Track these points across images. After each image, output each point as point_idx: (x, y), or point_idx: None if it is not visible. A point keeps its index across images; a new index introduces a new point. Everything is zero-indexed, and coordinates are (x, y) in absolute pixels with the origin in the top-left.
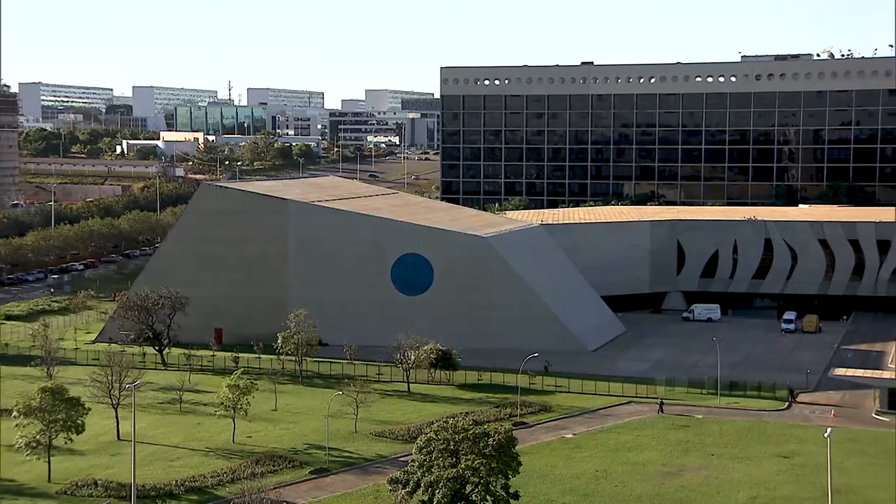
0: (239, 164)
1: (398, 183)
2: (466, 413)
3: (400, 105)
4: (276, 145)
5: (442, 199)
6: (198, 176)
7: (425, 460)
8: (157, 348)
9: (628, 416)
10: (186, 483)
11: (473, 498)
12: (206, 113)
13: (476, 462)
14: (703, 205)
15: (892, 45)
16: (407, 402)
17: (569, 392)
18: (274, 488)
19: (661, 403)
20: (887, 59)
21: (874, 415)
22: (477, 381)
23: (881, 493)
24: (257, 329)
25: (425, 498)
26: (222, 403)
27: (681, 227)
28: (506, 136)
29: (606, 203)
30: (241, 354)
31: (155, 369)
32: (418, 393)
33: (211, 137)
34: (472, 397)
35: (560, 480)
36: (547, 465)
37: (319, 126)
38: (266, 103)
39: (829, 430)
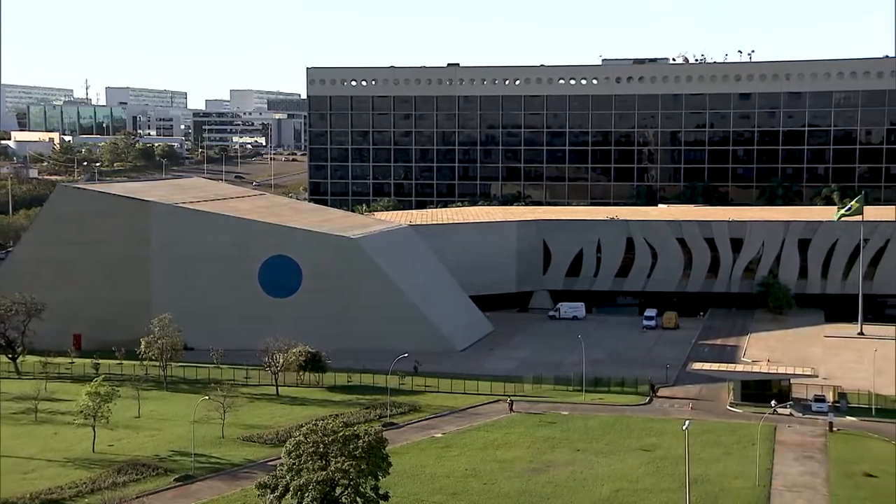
0: (98, 165)
1: (265, 184)
2: (336, 415)
3: (266, 105)
4: (137, 146)
5: (310, 201)
6: (53, 177)
7: (294, 464)
8: (10, 356)
9: (497, 415)
10: (42, 496)
11: (343, 500)
12: (62, 112)
13: (346, 464)
14: (567, 205)
15: (741, 51)
16: (276, 406)
17: (438, 392)
18: (137, 497)
19: (511, 402)
20: (738, 64)
21: (729, 407)
22: (347, 382)
23: (735, 482)
24: (119, 334)
25: (294, 502)
26: (81, 412)
27: (546, 227)
28: (374, 136)
29: (474, 203)
30: (101, 361)
31: (8, 378)
32: (287, 396)
33: (67, 138)
34: (342, 399)
35: (430, 480)
36: (417, 464)
37: (183, 126)
38: (126, 103)
39: (687, 422)
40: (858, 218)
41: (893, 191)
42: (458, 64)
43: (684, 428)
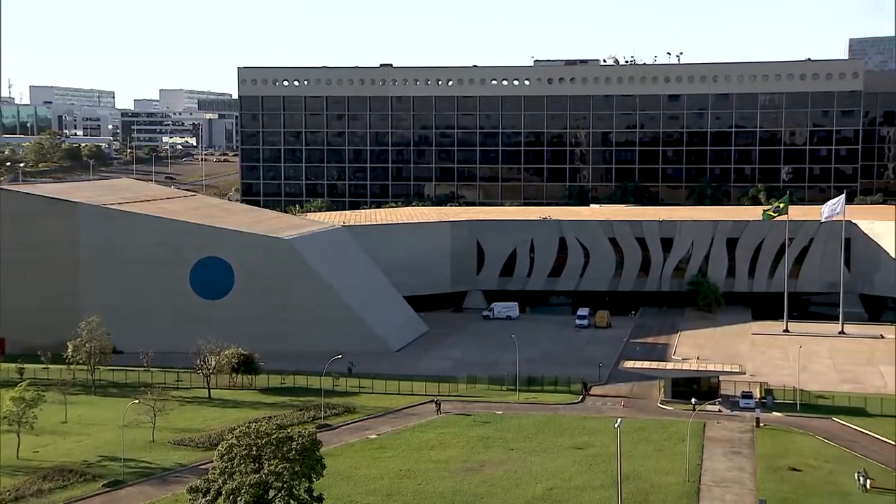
0: (22, 165)
1: (196, 185)
2: (269, 417)
3: (196, 105)
4: (63, 146)
5: (242, 202)
6: None
7: (227, 467)
8: None
9: (431, 415)
10: None
11: (277, 503)
12: None
13: (279, 467)
14: (500, 205)
15: (669, 53)
16: (208, 409)
17: (373, 393)
18: None
19: (438, 403)
20: (667, 66)
21: (659, 404)
22: (280, 384)
23: (666, 478)
24: (46, 338)
25: None
26: (5, 417)
27: (480, 228)
28: (306, 137)
29: (408, 204)
30: (26, 365)
31: None
32: (219, 399)
33: None
34: (276, 401)
35: (364, 481)
36: (351, 466)
37: (110, 126)
38: (51, 102)
39: (619, 420)
40: (784, 217)
41: (816, 191)
42: (391, 64)
43: (616, 426)
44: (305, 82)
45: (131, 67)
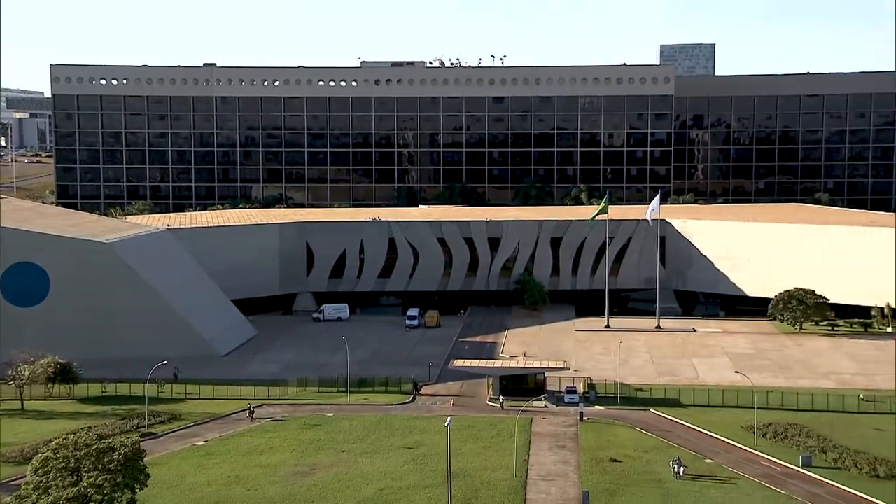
0: None
1: (6, 187)
2: (89, 428)
3: (5, 104)
4: None
5: (58, 205)
6: None
7: (42, 481)
8: None
9: (260, 419)
10: None
11: None
12: None
13: (100, 478)
14: (329, 206)
15: (493, 56)
16: (21, 421)
17: (200, 399)
18: None
19: (252, 410)
20: (491, 69)
21: (488, 402)
22: (101, 393)
23: (495, 474)
24: None
25: None
26: None
27: (309, 229)
28: (127, 137)
29: (235, 206)
30: None
31: None
32: (34, 410)
33: None
34: (96, 410)
35: (191, 489)
36: (177, 474)
37: None
38: None
39: (448, 419)
40: (604, 217)
41: (634, 191)
42: (214, 64)
43: (446, 424)
44: (125, 81)
45: None
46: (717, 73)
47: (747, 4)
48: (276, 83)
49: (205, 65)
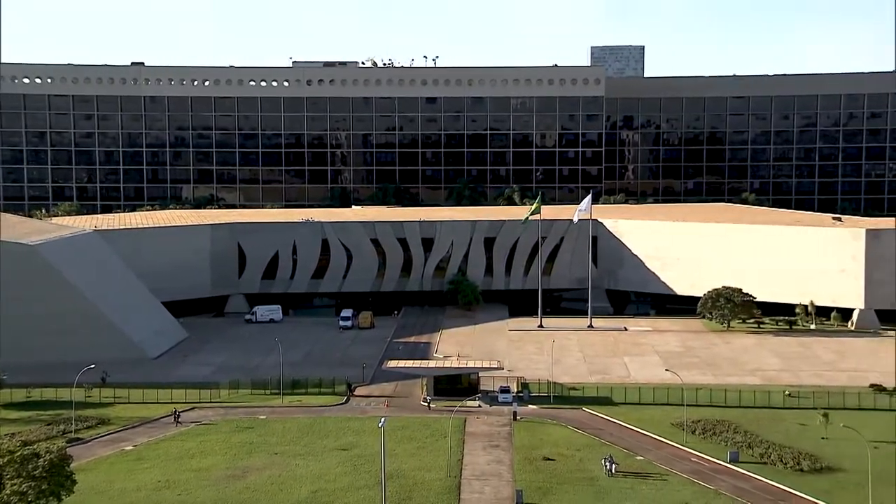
0: None
1: None
2: (13, 434)
3: None
4: None
5: None
6: None
7: None
8: None
9: (192, 423)
10: None
11: None
12: None
13: (24, 486)
14: (262, 207)
15: (426, 56)
16: None
17: (129, 403)
18: None
19: (177, 414)
20: (424, 69)
21: (422, 402)
22: (26, 398)
23: (429, 475)
24: None
25: None
26: None
27: (241, 230)
28: (52, 137)
29: (165, 207)
30: None
31: None
32: None
33: None
34: (20, 416)
35: (119, 495)
36: (105, 480)
37: None
38: None
39: (382, 419)
40: (537, 217)
41: (566, 191)
42: (142, 63)
43: (380, 425)
44: (49, 80)
45: None
46: (646, 75)
47: (674, 7)
48: (207, 83)
49: (133, 63)
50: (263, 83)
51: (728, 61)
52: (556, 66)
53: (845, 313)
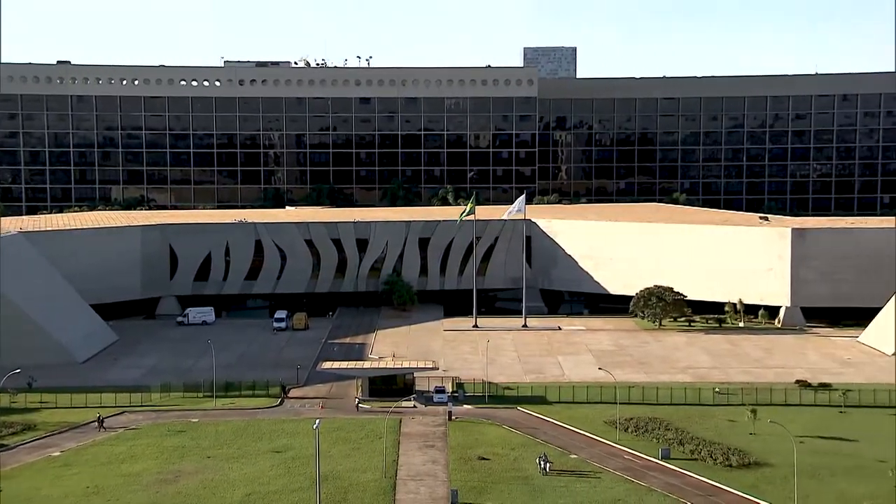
0: None
1: None
2: None
3: None
4: None
5: None
6: None
7: None
8: None
9: (121, 427)
10: None
11: None
12: None
13: None
14: (194, 208)
15: (359, 57)
16: None
17: (56, 407)
18: None
19: (101, 420)
20: (357, 70)
21: (357, 403)
22: None
23: (364, 476)
24: None
25: None
26: None
27: (172, 231)
28: None
29: (93, 208)
30: None
31: None
32: None
33: None
34: None
35: (46, 502)
36: (31, 486)
37: None
38: None
39: (317, 421)
40: (472, 217)
41: (500, 191)
42: (69, 61)
43: (315, 427)
44: None
45: None
46: (578, 76)
47: (605, 9)
48: (136, 82)
49: (59, 62)
50: (195, 83)
51: (660, 63)
52: (489, 66)
53: (772, 311)
